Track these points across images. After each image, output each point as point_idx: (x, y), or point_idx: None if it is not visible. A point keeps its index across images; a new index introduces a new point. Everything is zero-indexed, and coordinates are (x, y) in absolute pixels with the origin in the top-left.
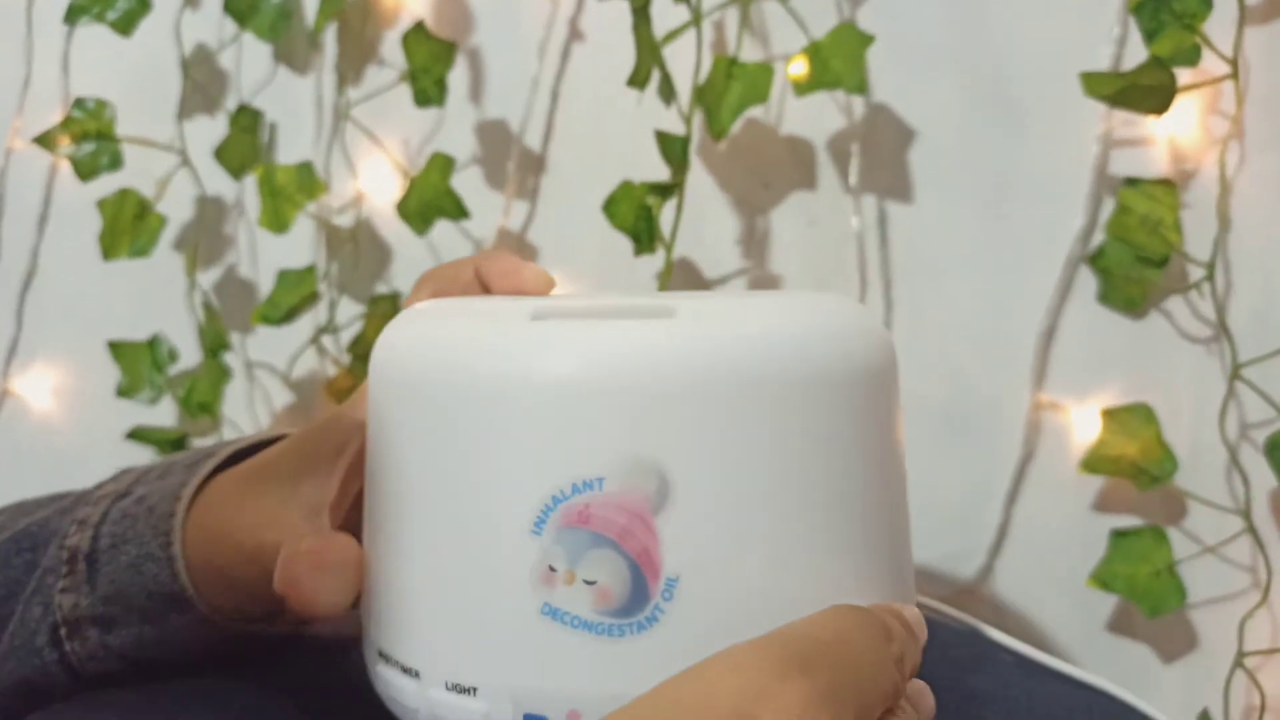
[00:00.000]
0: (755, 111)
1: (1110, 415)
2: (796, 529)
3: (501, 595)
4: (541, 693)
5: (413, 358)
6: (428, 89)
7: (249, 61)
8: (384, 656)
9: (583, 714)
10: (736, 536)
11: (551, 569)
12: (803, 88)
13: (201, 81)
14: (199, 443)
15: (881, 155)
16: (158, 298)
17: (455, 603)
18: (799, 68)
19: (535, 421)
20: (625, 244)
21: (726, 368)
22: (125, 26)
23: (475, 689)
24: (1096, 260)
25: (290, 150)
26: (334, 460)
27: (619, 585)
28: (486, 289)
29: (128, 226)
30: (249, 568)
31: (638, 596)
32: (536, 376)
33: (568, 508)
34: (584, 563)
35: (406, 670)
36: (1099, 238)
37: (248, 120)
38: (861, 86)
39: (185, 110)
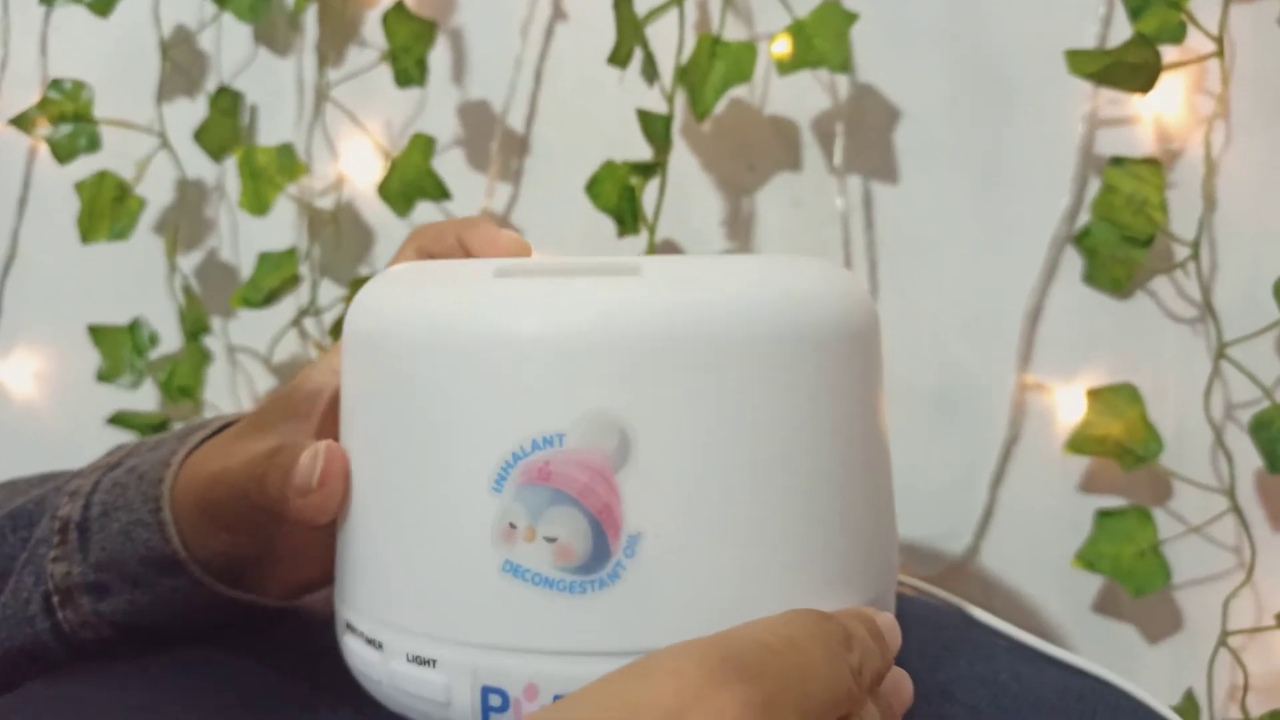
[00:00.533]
0: (739, 91)
1: (1095, 396)
2: (765, 489)
3: (462, 553)
4: (501, 665)
5: (379, 315)
6: (409, 69)
7: (229, 43)
8: (350, 628)
9: (540, 689)
10: (701, 494)
11: (511, 526)
12: (786, 67)
13: (181, 63)
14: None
15: (866, 135)
16: (138, 281)
17: (417, 562)
18: (782, 46)
19: (495, 377)
20: (609, 225)
21: (688, 325)
22: (103, 7)
23: (435, 661)
24: (1082, 240)
25: (271, 132)
26: (312, 404)
27: (580, 542)
28: (468, 255)
29: (106, 209)
30: (230, 493)
31: (599, 553)
32: (495, 332)
33: (528, 465)
34: (544, 519)
35: (370, 642)
36: (1085, 218)
37: (228, 102)
38: (846, 65)
39: (165, 92)
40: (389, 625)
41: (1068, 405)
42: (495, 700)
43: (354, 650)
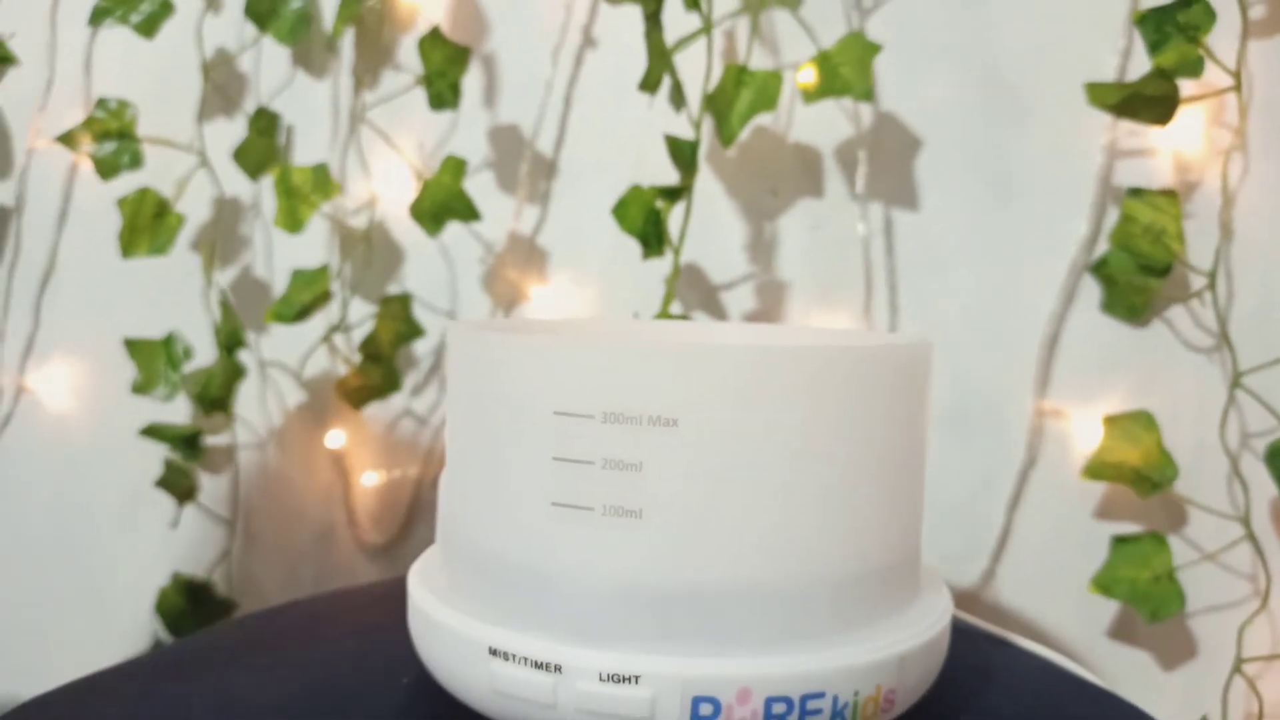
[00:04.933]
0: (764, 118)
1: (1112, 422)
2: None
3: None
4: (714, 671)
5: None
6: (442, 92)
7: (268, 65)
8: (503, 655)
9: (753, 691)
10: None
11: None
12: (811, 95)
13: (221, 84)
14: (212, 440)
15: (888, 162)
16: (174, 296)
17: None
18: (808, 76)
19: None
20: (635, 248)
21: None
22: (148, 29)
23: (638, 677)
24: (1100, 269)
25: (307, 152)
26: None
27: None
28: None
29: (147, 225)
30: None
31: None
32: None
33: None
34: None
35: (541, 666)
36: (1103, 246)
37: (266, 122)
38: (869, 94)
39: (205, 112)
40: (570, 645)
41: (1084, 431)
42: (706, 709)
43: (507, 678)
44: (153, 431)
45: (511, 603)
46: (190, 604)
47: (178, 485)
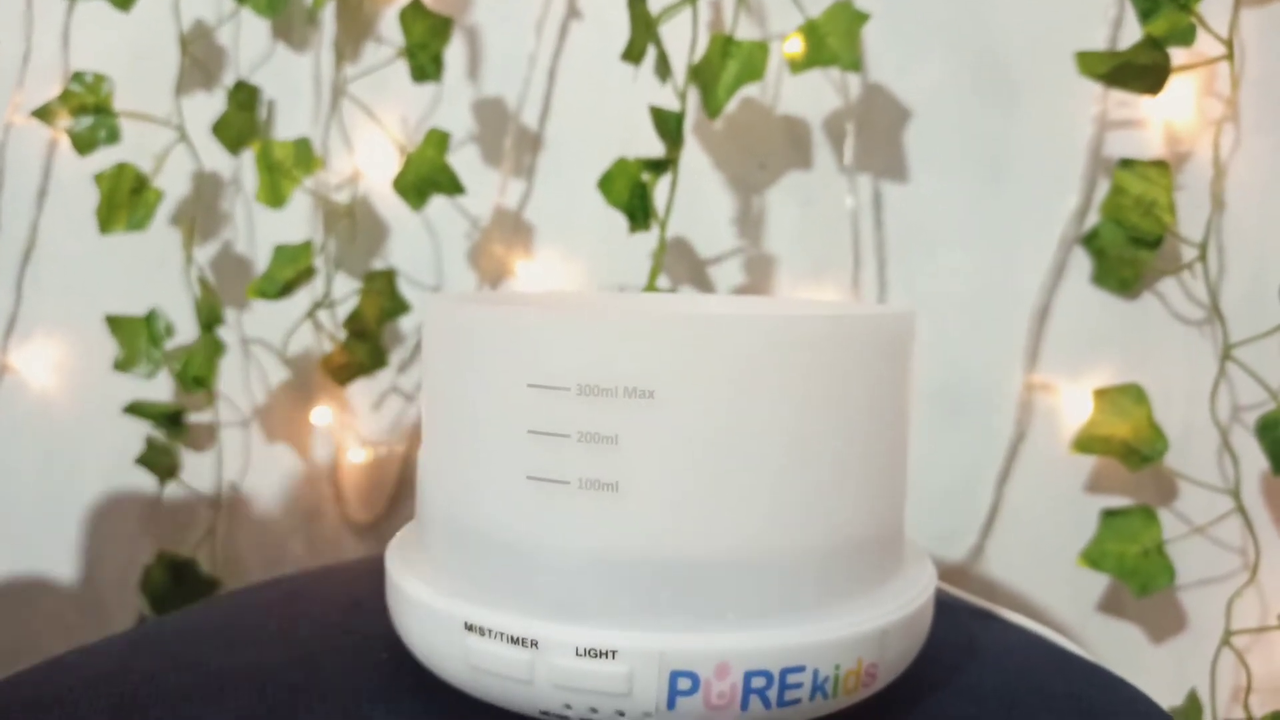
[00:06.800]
0: (751, 90)
1: (1102, 395)
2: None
3: None
4: (692, 646)
5: None
6: (424, 65)
7: (247, 38)
8: (478, 630)
9: (732, 665)
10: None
11: None
12: (798, 66)
13: (200, 57)
14: (195, 417)
15: (877, 135)
16: (155, 272)
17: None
18: (795, 46)
19: None
20: (621, 221)
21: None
22: (124, 2)
23: (615, 651)
24: (1090, 241)
25: (288, 126)
26: None
27: None
28: None
29: (125, 200)
30: None
31: None
32: None
33: None
34: None
35: (517, 641)
36: (1093, 218)
37: (245, 96)
38: (856, 65)
39: (183, 86)
40: (546, 621)
41: (1074, 405)
42: (684, 684)
43: (484, 653)
44: (136, 409)
45: (487, 578)
46: (175, 582)
47: (159, 463)
